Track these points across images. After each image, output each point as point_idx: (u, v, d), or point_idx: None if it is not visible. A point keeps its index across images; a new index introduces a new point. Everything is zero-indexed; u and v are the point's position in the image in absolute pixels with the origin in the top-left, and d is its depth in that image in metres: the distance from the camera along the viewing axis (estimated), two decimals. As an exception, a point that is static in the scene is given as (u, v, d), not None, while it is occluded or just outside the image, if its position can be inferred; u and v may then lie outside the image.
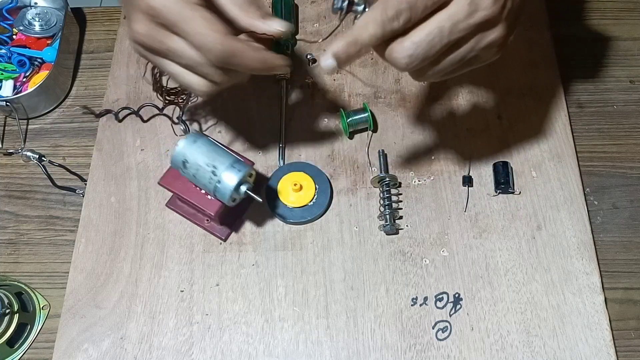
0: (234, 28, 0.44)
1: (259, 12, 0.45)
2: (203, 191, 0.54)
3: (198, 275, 0.57)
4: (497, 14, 0.40)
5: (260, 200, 0.52)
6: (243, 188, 0.51)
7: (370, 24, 0.40)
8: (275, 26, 0.44)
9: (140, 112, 0.64)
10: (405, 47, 0.40)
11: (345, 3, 0.44)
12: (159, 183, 0.55)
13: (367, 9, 0.43)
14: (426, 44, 0.39)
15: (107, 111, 0.64)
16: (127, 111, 0.65)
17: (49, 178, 0.60)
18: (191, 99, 0.63)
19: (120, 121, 0.65)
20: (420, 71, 0.42)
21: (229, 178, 0.50)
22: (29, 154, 0.58)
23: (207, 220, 0.59)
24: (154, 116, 0.65)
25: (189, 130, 0.52)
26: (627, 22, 0.71)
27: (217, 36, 0.41)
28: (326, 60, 0.41)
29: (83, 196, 0.62)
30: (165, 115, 0.64)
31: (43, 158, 0.58)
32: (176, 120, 0.62)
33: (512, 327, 0.54)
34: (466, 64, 0.43)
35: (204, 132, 0.65)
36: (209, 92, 0.46)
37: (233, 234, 0.59)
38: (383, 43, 0.41)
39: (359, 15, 0.44)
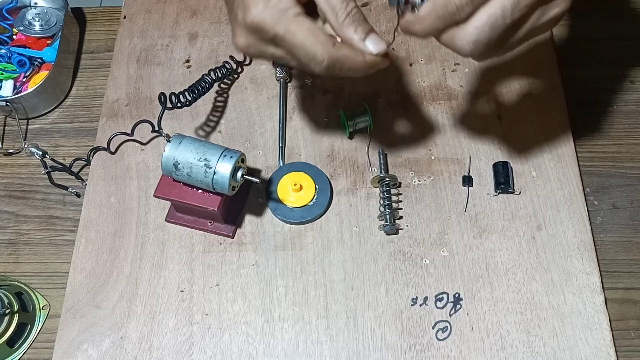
0: None
1: (354, 27, 0.40)
2: (200, 190, 0.54)
3: (198, 275, 0.57)
4: None
5: (259, 181, 0.53)
6: (240, 173, 0.52)
7: (429, 19, 0.37)
8: (370, 48, 0.40)
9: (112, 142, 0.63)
10: (468, 33, 0.37)
11: None
12: (154, 195, 0.55)
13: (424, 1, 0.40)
14: (489, 27, 0.37)
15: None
16: (123, 137, 0.63)
17: (48, 175, 0.60)
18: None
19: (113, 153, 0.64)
20: (482, 54, 0.40)
21: (224, 167, 0.51)
22: (33, 149, 0.58)
23: (210, 222, 0.59)
24: (123, 142, 0.64)
25: (169, 137, 0.52)
26: (627, 22, 0.71)
27: (322, 48, 0.39)
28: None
29: (78, 196, 0.62)
30: (134, 140, 0.64)
31: (47, 155, 0.58)
32: (159, 132, 0.60)
33: (512, 327, 0.54)
34: (522, 40, 0.40)
35: (199, 133, 0.65)
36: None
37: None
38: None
39: (418, 6, 0.40)
